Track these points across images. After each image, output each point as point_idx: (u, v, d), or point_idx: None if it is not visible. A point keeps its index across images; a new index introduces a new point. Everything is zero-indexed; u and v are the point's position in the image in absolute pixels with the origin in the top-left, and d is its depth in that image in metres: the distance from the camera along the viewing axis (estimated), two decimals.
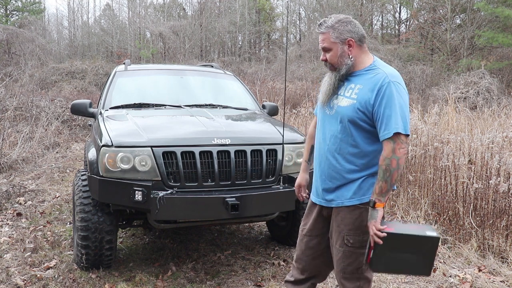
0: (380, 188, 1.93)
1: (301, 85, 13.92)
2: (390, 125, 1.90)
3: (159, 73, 4.89)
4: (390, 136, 1.91)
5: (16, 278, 3.20)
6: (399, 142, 1.91)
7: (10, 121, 8.80)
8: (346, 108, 2.02)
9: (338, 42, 2.02)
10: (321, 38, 2.06)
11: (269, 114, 4.46)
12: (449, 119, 7.04)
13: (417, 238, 1.93)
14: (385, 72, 1.98)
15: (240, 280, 3.28)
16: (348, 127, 2.02)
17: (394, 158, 1.91)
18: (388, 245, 1.94)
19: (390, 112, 1.91)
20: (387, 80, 1.94)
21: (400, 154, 1.91)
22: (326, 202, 2.14)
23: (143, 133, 3.10)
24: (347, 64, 2.04)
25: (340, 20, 2.03)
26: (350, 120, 2.01)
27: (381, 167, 1.93)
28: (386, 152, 1.92)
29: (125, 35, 30.57)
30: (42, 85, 17.25)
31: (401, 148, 1.91)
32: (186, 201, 2.87)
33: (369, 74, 2.02)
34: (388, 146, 1.92)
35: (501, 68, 15.87)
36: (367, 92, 1.97)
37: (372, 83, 1.97)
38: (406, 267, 2.00)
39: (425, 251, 1.96)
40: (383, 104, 1.92)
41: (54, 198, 5.54)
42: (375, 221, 1.93)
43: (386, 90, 1.93)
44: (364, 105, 1.97)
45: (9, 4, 31.49)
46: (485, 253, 3.64)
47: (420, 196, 4.52)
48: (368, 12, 25.30)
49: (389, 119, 1.91)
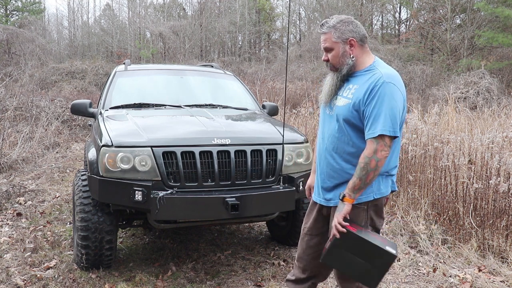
0: (353, 184, 1.95)
1: (301, 85, 13.92)
2: (376, 125, 1.91)
3: (159, 73, 4.89)
4: (375, 136, 1.91)
5: (16, 278, 3.20)
6: (383, 144, 1.91)
7: (10, 121, 8.79)
8: (342, 107, 2.04)
9: (339, 42, 2.04)
10: (323, 38, 2.08)
11: (269, 114, 4.46)
12: (449, 119, 7.04)
13: (375, 248, 1.93)
14: (381, 72, 1.99)
15: (240, 280, 3.28)
16: (344, 127, 2.04)
17: (374, 159, 1.92)
18: (346, 244, 1.96)
19: (378, 112, 1.92)
20: (382, 81, 1.95)
21: (381, 156, 1.92)
22: (326, 201, 2.16)
23: (143, 133, 3.10)
24: (348, 64, 2.05)
25: (341, 20, 2.05)
26: (345, 119, 2.03)
27: (360, 164, 1.94)
28: (367, 151, 1.93)
29: (125, 35, 30.57)
30: (42, 85, 17.25)
31: (383, 150, 1.92)
32: (186, 201, 2.87)
33: (367, 74, 2.03)
34: (371, 145, 1.92)
35: (501, 68, 15.88)
36: (361, 92, 1.98)
37: (367, 83, 1.98)
38: (355, 272, 2.00)
39: (378, 264, 1.96)
40: (372, 104, 1.93)
41: (54, 198, 5.54)
42: (340, 214, 1.96)
43: (379, 90, 1.93)
44: (358, 105, 1.98)
45: (9, 4, 31.49)
46: (485, 253, 3.64)
47: (420, 196, 4.52)
48: (368, 12, 25.30)
49: (376, 119, 1.92)
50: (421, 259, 3.65)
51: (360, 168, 1.93)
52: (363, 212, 2.06)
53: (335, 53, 2.06)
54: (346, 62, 2.05)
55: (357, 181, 1.94)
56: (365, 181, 1.94)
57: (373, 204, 2.08)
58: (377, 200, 2.08)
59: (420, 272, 3.44)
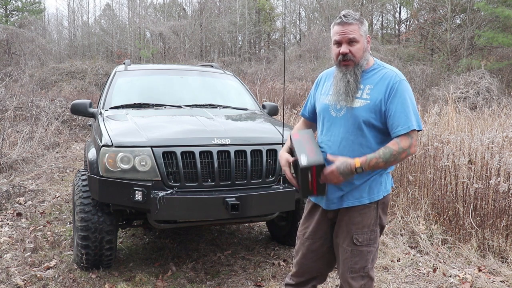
0: (376, 163, 1.92)
1: (301, 85, 13.93)
2: (406, 121, 1.93)
3: (159, 73, 4.89)
4: (407, 132, 1.93)
5: (16, 278, 3.20)
6: (415, 140, 1.96)
7: (10, 121, 8.80)
8: (360, 109, 2.00)
9: (363, 36, 2.04)
10: (350, 29, 1.99)
11: (269, 114, 4.46)
12: (449, 119, 7.04)
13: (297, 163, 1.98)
14: (393, 71, 2.03)
15: (240, 280, 3.28)
16: (362, 128, 2.00)
17: (407, 152, 1.94)
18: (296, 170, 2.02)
19: (403, 109, 1.94)
20: (398, 79, 1.98)
21: (413, 151, 1.96)
22: (335, 204, 2.11)
23: (143, 133, 3.10)
24: (367, 59, 2.06)
25: (361, 17, 2.06)
26: (364, 121, 1.99)
27: (391, 150, 1.92)
28: (403, 143, 1.93)
29: (125, 35, 30.55)
30: (42, 85, 17.27)
31: (415, 146, 1.96)
32: (186, 201, 2.87)
33: (376, 74, 2.03)
34: (406, 140, 1.93)
35: (501, 68, 15.88)
36: (380, 91, 1.98)
37: (383, 82, 1.99)
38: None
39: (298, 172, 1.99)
40: (395, 102, 1.95)
41: (54, 198, 5.54)
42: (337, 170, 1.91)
43: (398, 88, 1.96)
44: (379, 104, 1.98)
45: (9, 4, 31.48)
46: (485, 253, 3.64)
47: (420, 196, 4.52)
48: (368, 12, 25.29)
49: (403, 115, 1.94)
50: (421, 259, 3.65)
51: (392, 154, 1.92)
52: (374, 210, 2.06)
53: (360, 46, 2.01)
54: (366, 57, 2.05)
55: (381, 163, 1.93)
56: (387, 166, 1.96)
57: (382, 202, 2.09)
58: (385, 198, 2.11)
59: (420, 272, 3.44)
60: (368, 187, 2.05)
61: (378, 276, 3.30)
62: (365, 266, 2.08)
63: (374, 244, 2.09)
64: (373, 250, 2.09)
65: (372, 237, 2.06)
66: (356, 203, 2.06)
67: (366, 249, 2.07)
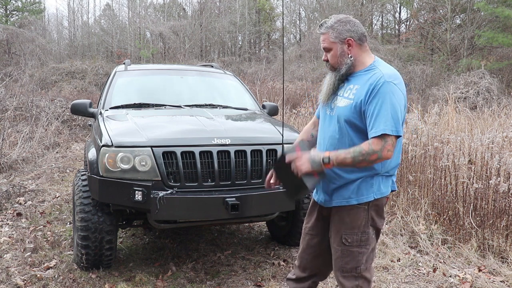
0: (343, 159, 1.93)
1: (301, 85, 13.93)
2: (379, 124, 1.89)
3: (159, 73, 4.89)
4: (378, 135, 1.89)
5: (16, 278, 3.20)
6: (390, 144, 1.90)
7: (10, 121, 8.80)
8: (344, 108, 2.03)
9: (337, 42, 2.04)
10: (322, 38, 2.09)
11: (269, 114, 4.46)
12: (449, 119, 7.04)
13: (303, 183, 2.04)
14: (382, 71, 1.98)
15: (240, 280, 3.28)
16: (345, 128, 2.02)
17: (377, 154, 1.89)
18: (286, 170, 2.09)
19: (380, 112, 1.90)
20: (383, 80, 1.94)
21: (385, 156, 1.90)
22: (326, 202, 2.15)
23: (143, 133, 3.10)
24: (347, 63, 2.05)
25: (339, 20, 2.05)
26: (346, 120, 2.01)
27: (361, 150, 1.90)
28: (374, 146, 1.89)
29: (125, 35, 30.56)
30: (42, 85, 17.27)
31: (389, 151, 1.90)
32: (186, 201, 2.87)
33: (368, 74, 2.02)
34: (379, 143, 1.89)
35: (501, 68, 15.89)
36: (362, 92, 1.98)
37: (368, 82, 1.97)
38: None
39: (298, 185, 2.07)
40: (374, 103, 1.92)
41: (54, 198, 5.54)
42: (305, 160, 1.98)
43: (380, 89, 1.92)
44: (360, 105, 1.97)
45: (9, 4, 31.48)
46: (485, 253, 3.64)
47: (420, 196, 4.52)
48: (368, 12, 25.30)
49: (378, 118, 1.90)
50: (421, 259, 3.65)
51: (361, 153, 1.90)
52: (363, 212, 2.06)
53: (333, 53, 2.06)
54: (345, 62, 2.05)
55: (348, 160, 1.92)
56: (354, 164, 1.94)
57: (374, 204, 2.07)
58: (378, 200, 2.08)
59: (420, 272, 3.44)
60: (357, 188, 2.04)
61: (378, 276, 3.30)
62: (357, 266, 2.08)
63: (367, 246, 2.08)
64: (366, 251, 2.08)
65: (363, 238, 2.06)
66: (344, 203, 2.07)
67: (357, 250, 2.07)
